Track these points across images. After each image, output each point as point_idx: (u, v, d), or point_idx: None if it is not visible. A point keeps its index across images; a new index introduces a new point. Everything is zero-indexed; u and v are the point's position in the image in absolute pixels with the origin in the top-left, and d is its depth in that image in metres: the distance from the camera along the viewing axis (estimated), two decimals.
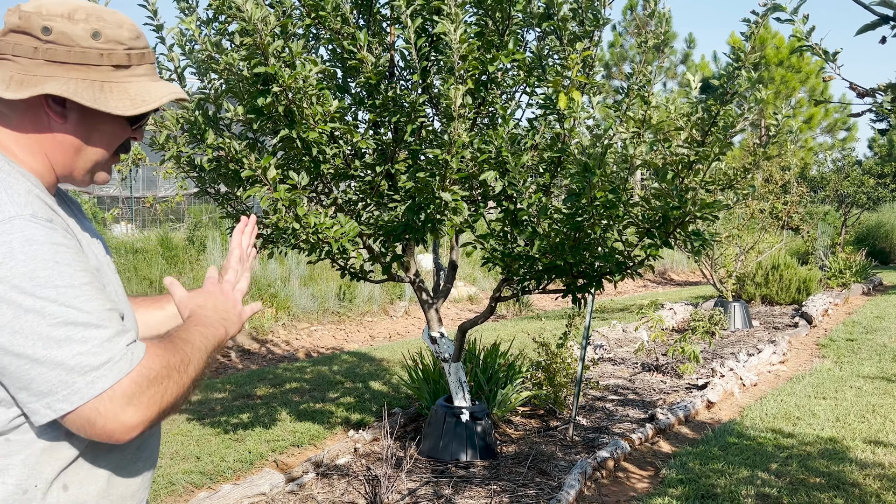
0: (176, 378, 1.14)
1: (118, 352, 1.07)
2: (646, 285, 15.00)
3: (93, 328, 1.06)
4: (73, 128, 1.20)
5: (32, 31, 1.15)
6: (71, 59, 1.17)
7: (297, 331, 8.66)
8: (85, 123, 1.21)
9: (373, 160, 3.61)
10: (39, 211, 1.11)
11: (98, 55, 1.18)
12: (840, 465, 4.18)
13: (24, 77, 1.15)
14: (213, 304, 1.37)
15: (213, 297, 1.39)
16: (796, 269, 11.17)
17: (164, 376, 1.12)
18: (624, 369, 6.91)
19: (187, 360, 1.18)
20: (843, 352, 7.45)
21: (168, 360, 1.14)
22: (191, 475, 3.99)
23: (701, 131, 2.95)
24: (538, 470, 4.17)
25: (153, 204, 11.59)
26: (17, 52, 1.16)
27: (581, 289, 3.58)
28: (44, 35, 1.15)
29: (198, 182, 3.59)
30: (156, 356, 1.12)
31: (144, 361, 1.10)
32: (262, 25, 2.80)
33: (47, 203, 1.16)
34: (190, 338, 1.23)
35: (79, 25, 1.16)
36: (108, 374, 1.05)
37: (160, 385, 1.11)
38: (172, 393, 1.13)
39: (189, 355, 1.19)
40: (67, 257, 1.09)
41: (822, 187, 16.19)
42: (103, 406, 1.05)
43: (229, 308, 1.38)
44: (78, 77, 1.17)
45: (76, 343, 1.05)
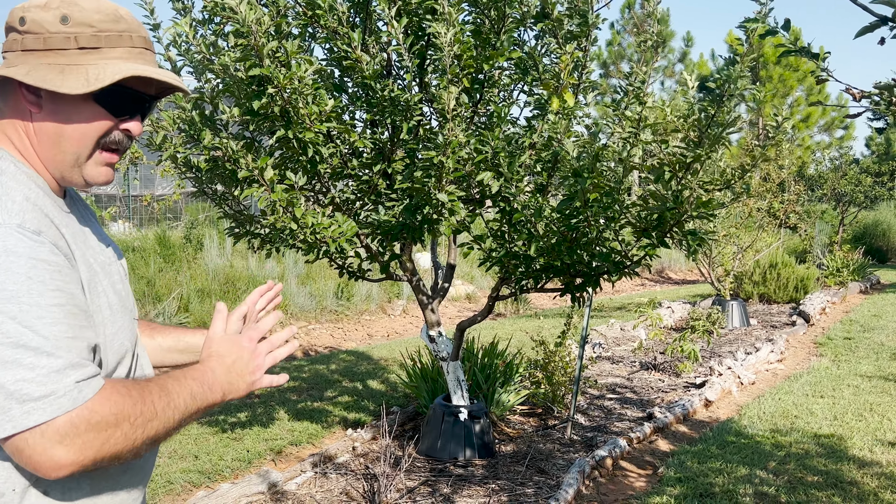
0: (126, 430, 1.06)
1: (63, 387, 1.01)
2: (644, 284, 15.01)
3: (44, 356, 1.01)
4: (48, 115, 1.17)
5: (14, 25, 1.16)
6: (39, 45, 1.15)
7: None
8: (59, 111, 1.17)
9: (370, 159, 3.61)
10: (29, 221, 1.08)
11: (64, 39, 1.15)
12: (838, 464, 4.19)
13: (8, 70, 1.15)
14: (234, 363, 1.28)
15: (241, 354, 1.29)
16: (794, 268, 11.18)
17: (109, 424, 1.04)
18: (622, 368, 6.92)
19: (150, 416, 1.10)
20: (841, 350, 7.46)
21: (123, 408, 1.06)
22: (189, 474, 3.98)
23: (698, 132, 2.95)
24: (536, 469, 4.17)
25: (150, 202, 11.57)
26: (7, 48, 1.17)
27: (579, 288, 3.58)
28: (20, 26, 1.15)
29: (195, 182, 3.58)
30: (108, 401, 1.05)
31: (91, 403, 1.03)
32: (256, 27, 2.79)
33: (46, 211, 1.13)
34: (174, 392, 1.15)
35: (50, 12, 1.15)
36: (46, 409, 1.00)
37: (102, 432, 1.04)
38: (117, 444, 1.06)
39: (157, 411, 1.11)
40: (43, 274, 1.04)
41: (819, 186, 16.21)
42: (33, 439, 1.00)
43: (246, 374, 1.29)
44: (45, 62, 1.15)
45: (23, 368, 1.00)
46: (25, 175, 1.16)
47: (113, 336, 1.19)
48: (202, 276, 8.76)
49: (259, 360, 1.30)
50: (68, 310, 1.06)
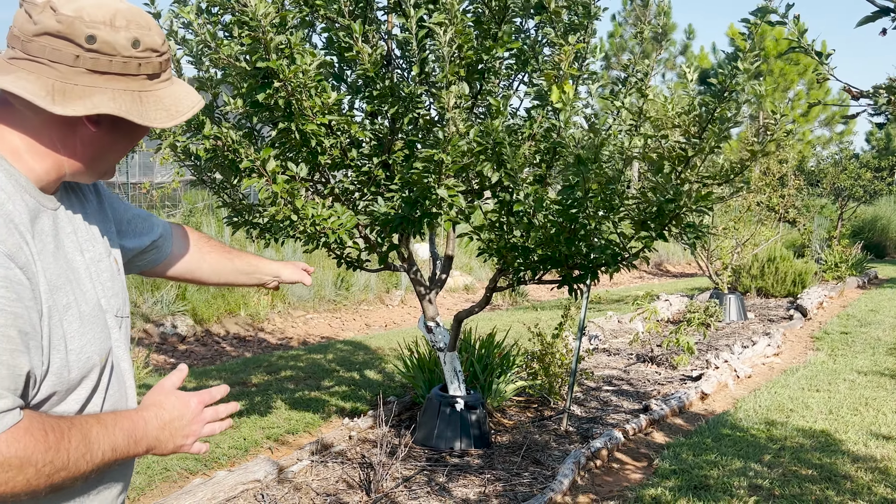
0: (29, 475, 1.00)
1: None
2: (642, 276, 15.03)
3: None
4: (103, 135, 1.17)
5: (75, 39, 1.09)
6: (112, 69, 1.12)
7: (292, 318, 8.67)
8: (115, 131, 1.18)
9: (370, 150, 3.61)
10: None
11: (137, 65, 1.14)
12: (832, 458, 4.21)
13: (66, 87, 1.10)
14: (171, 420, 1.22)
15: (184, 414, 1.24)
16: (792, 262, 11.20)
17: (13, 467, 0.98)
18: (619, 360, 6.94)
19: (61, 466, 1.03)
20: (838, 345, 7.48)
21: (32, 454, 1.00)
22: (186, 461, 4.00)
23: (698, 126, 2.96)
24: (532, 459, 4.19)
25: (149, 190, 11.56)
26: (56, 59, 1.09)
27: (577, 280, 3.59)
28: (87, 44, 1.09)
29: (194, 171, 3.58)
30: (19, 443, 0.99)
31: (1, 444, 0.97)
32: (264, 20, 2.78)
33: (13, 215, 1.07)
34: (95, 443, 1.09)
35: (120, 34, 1.12)
36: None
37: (2, 474, 0.97)
38: (15, 487, 0.99)
39: (69, 462, 1.04)
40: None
41: (819, 180, 16.21)
42: None
43: (178, 436, 1.23)
44: (118, 88, 1.13)
45: None
46: (4, 172, 1.11)
47: (79, 350, 1.14)
48: None
49: (197, 426, 1.26)
50: (2, 331, 0.99)
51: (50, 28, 1.09)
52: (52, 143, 1.15)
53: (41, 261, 1.10)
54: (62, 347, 1.10)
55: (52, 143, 1.15)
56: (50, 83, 1.09)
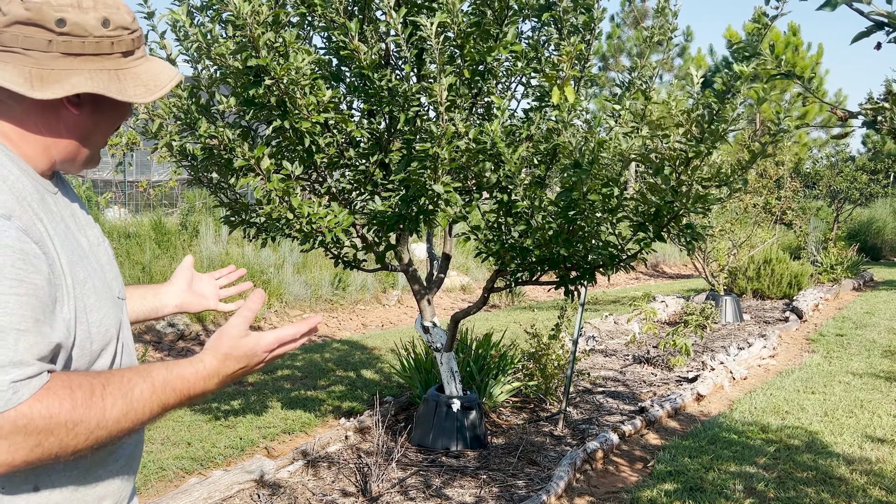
0: (61, 435, 1.00)
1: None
2: (638, 277, 15.04)
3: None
4: (85, 117, 1.18)
5: (45, 24, 1.10)
6: (86, 49, 1.13)
7: (289, 318, 8.65)
8: (97, 112, 1.19)
9: (367, 149, 3.60)
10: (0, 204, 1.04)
11: (110, 44, 1.16)
12: (828, 460, 4.21)
13: (43, 72, 1.11)
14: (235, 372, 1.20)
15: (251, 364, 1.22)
16: (788, 264, 11.21)
17: (40, 429, 0.98)
18: (615, 361, 6.94)
19: (96, 424, 1.03)
20: (833, 347, 7.49)
21: (59, 414, 1.00)
22: (182, 461, 3.99)
23: (700, 128, 2.95)
24: (528, 460, 4.19)
25: (147, 188, 11.54)
26: (29, 46, 1.11)
27: (574, 281, 3.59)
28: (58, 27, 1.11)
29: (190, 170, 3.57)
30: (41, 404, 0.99)
31: (24, 407, 0.97)
32: (251, 19, 2.78)
33: (24, 194, 1.10)
34: (140, 399, 1.09)
35: (89, 14, 1.13)
36: None
37: (32, 436, 0.98)
38: (51, 448, 1.00)
39: (107, 417, 1.04)
40: (3, 261, 1.00)
41: (815, 183, 16.24)
42: None
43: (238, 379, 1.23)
44: (94, 68, 1.14)
45: None
46: (5, 156, 1.13)
47: (98, 322, 1.16)
48: (198, 264, 8.74)
49: (259, 366, 1.24)
50: (24, 300, 1.00)
51: (19, 17, 1.10)
52: (37, 130, 1.16)
53: (56, 237, 1.12)
54: (84, 319, 1.12)
55: (38, 129, 1.16)
56: (27, 70, 1.11)
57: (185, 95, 3.25)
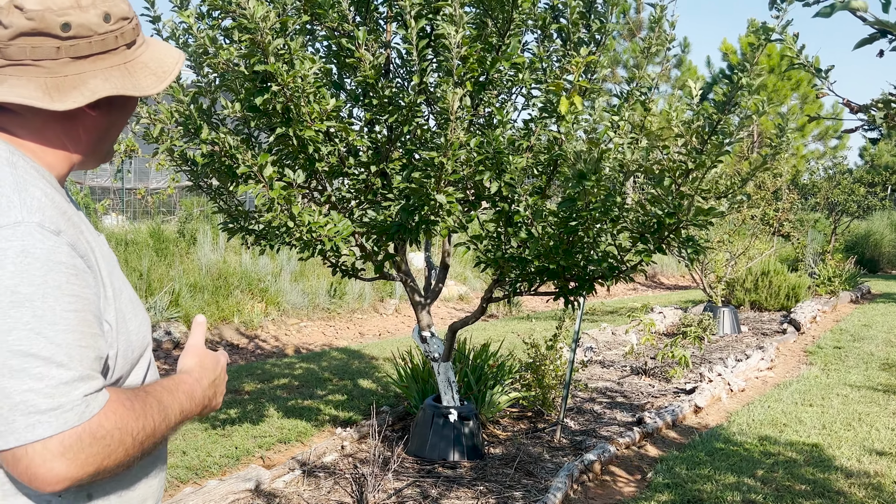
0: (128, 444, 1.03)
1: (71, 400, 0.97)
2: (636, 288, 15.04)
3: (54, 366, 0.97)
4: (101, 117, 1.17)
5: (51, 31, 1.07)
6: (93, 49, 1.11)
7: (286, 326, 8.63)
8: (112, 110, 1.18)
9: (367, 158, 3.60)
10: (48, 220, 1.03)
11: (114, 38, 1.14)
12: (826, 473, 4.20)
13: (58, 81, 1.09)
14: (215, 379, 1.27)
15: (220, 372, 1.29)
16: (786, 276, 11.22)
17: (115, 439, 1.01)
18: (613, 372, 6.92)
19: (150, 431, 1.07)
20: (831, 359, 7.48)
21: (127, 423, 1.03)
22: (176, 470, 3.97)
23: (700, 139, 2.95)
24: (525, 471, 4.17)
25: (145, 196, 11.52)
26: (39, 56, 1.08)
27: (573, 292, 3.59)
28: (64, 32, 1.08)
29: (190, 176, 3.57)
30: (114, 415, 1.02)
31: (98, 418, 0.99)
32: (263, 23, 2.78)
33: (60, 206, 1.09)
34: (169, 407, 1.12)
35: (90, 12, 1.10)
36: (52, 423, 0.96)
37: (106, 447, 1.00)
38: (117, 458, 1.02)
39: (155, 427, 1.08)
40: (60, 278, 1.00)
41: (813, 195, 16.27)
42: (34, 451, 0.96)
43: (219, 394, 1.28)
44: (104, 66, 1.13)
45: (30, 378, 0.95)
46: (33, 168, 1.11)
47: (137, 330, 1.17)
48: (195, 271, 8.72)
49: (225, 383, 1.31)
50: (82, 317, 1.02)
51: (23, 28, 1.07)
52: (57, 138, 1.15)
53: (98, 249, 1.13)
54: (125, 329, 1.14)
55: (58, 136, 1.15)
56: (42, 82, 1.08)
57: (187, 101, 3.24)
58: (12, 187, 1.04)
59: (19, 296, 0.97)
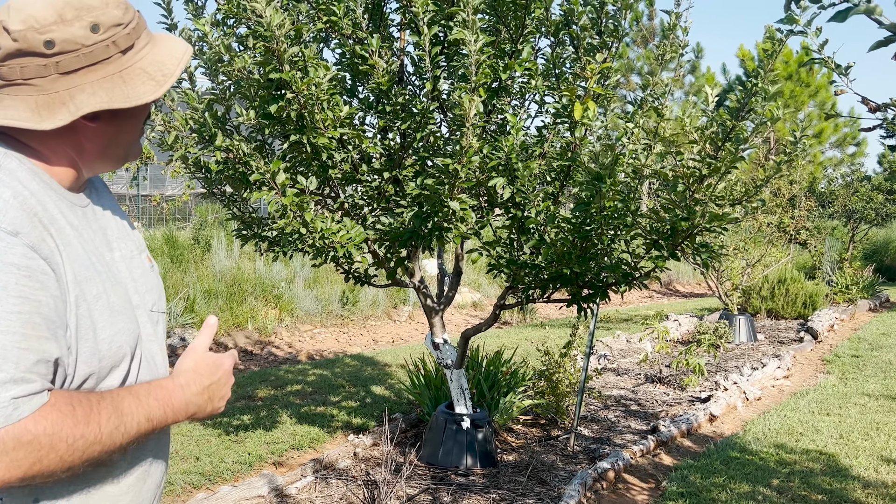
0: (62, 452, 1.00)
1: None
2: (651, 296, 14.96)
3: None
4: (104, 126, 1.16)
5: (35, 50, 1.08)
6: (82, 63, 1.10)
7: (299, 333, 8.65)
8: (116, 118, 1.17)
9: (380, 165, 3.61)
10: (6, 221, 1.02)
11: (104, 48, 1.12)
12: (843, 483, 4.15)
13: (48, 98, 1.09)
14: (211, 385, 1.23)
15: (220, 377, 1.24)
16: (803, 284, 11.11)
17: (43, 445, 0.98)
18: (627, 380, 6.88)
19: (93, 439, 1.03)
20: (848, 368, 7.40)
21: (62, 430, 1.00)
22: (189, 475, 3.98)
23: (714, 145, 2.93)
24: (538, 479, 4.14)
25: (160, 202, 11.61)
26: (28, 75, 1.09)
27: (586, 298, 3.57)
28: (48, 49, 1.08)
29: (205, 183, 3.59)
30: (44, 420, 0.99)
31: (27, 422, 0.97)
32: (278, 31, 2.79)
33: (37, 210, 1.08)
34: (128, 413, 1.08)
35: (75, 26, 1.09)
36: None
37: (34, 452, 0.97)
38: (50, 465, 1.00)
39: (102, 434, 1.04)
40: (6, 278, 0.99)
41: (830, 202, 16.13)
42: None
43: (217, 399, 1.24)
44: (96, 78, 1.12)
45: None
46: (28, 171, 1.11)
47: (109, 339, 1.13)
48: (209, 278, 8.77)
49: (229, 387, 1.27)
50: (26, 318, 1.00)
51: (9, 49, 1.08)
52: (59, 147, 1.16)
53: (67, 253, 1.09)
54: (91, 336, 1.10)
55: (59, 146, 1.16)
56: (32, 100, 1.09)
57: (202, 109, 3.27)
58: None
59: None
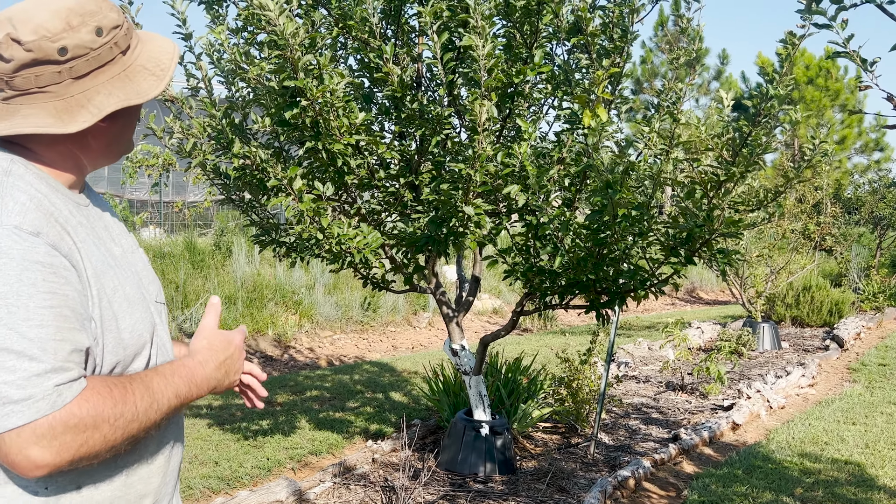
0: (105, 431, 1.07)
1: (42, 390, 1.02)
2: (674, 303, 14.83)
3: (25, 359, 1.02)
4: (110, 124, 1.21)
5: (50, 58, 1.12)
6: (92, 66, 1.16)
7: (319, 339, 8.68)
8: (119, 115, 1.22)
9: (397, 171, 3.61)
10: (28, 222, 1.08)
11: (109, 50, 1.18)
12: (868, 493, 4.07)
13: (65, 103, 1.14)
14: (226, 360, 1.30)
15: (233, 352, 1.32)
16: (828, 291, 10.95)
17: (88, 426, 1.05)
18: (648, 388, 6.82)
19: (131, 417, 1.11)
20: (875, 377, 7.27)
21: (102, 411, 1.07)
22: (209, 480, 4.00)
23: (731, 151, 2.91)
24: (557, 487, 4.11)
25: (182, 209, 11.72)
26: (44, 83, 1.13)
27: (604, 305, 3.54)
28: (62, 56, 1.13)
29: (223, 189, 3.62)
30: (87, 403, 1.06)
31: (71, 406, 1.04)
32: (293, 40, 2.81)
33: (52, 211, 1.13)
34: (159, 392, 1.16)
35: (82, 31, 1.14)
36: (24, 412, 1.01)
37: (80, 434, 1.05)
38: (95, 445, 1.07)
39: (139, 412, 1.12)
40: (35, 276, 1.05)
41: (857, 209, 15.90)
42: (10, 439, 1.02)
43: (233, 373, 1.32)
44: (105, 79, 1.17)
45: (4, 371, 1.01)
46: (35, 176, 1.16)
47: (130, 328, 1.19)
48: (230, 283, 8.83)
49: (242, 361, 1.35)
50: (58, 311, 1.06)
51: (24, 60, 1.12)
52: (67, 149, 1.21)
53: (83, 250, 1.15)
54: (114, 327, 1.17)
55: (68, 148, 1.21)
56: (51, 106, 1.14)
57: (219, 116, 3.29)
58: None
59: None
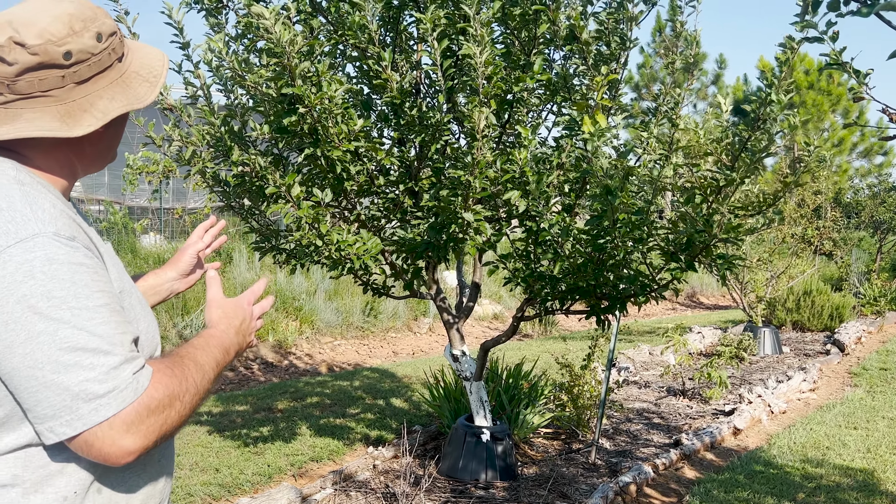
0: (178, 407, 1.14)
1: (123, 380, 1.07)
2: (675, 308, 14.82)
3: (101, 354, 1.06)
4: (106, 129, 1.22)
5: (55, 62, 1.13)
6: (93, 71, 1.17)
7: (320, 345, 8.68)
8: (115, 121, 1.23)
9: (396, 177, 3.62)
10: (63, 228, 1.10)
11: (108, 55, 1.19)
12: (870, 498, 4.06)
13: (68, 108, 1.15)
14: (240, 324, 1.36)
15: (245, 315, 1.38)
16: (829, 296, 10.94)
17: (166, 405, 1.12)
18: (649, 393, 6.81)
19: (193, 389, 1.17)
20: (877, 381, 7.26)
21: (173, 389, 1.13)
22: (209, 487, 3.99)
23: (731, 156, 2.91)
24: (559, 493, 4.10)
25: (182, 215, 11.73)
26: (47, 87, 1.14)
27: (605, 310, 3.54)
28: (66, 60, 1.13)
29: (223, 196, 3.62)
30: (160, 385, 1.12)
31: (149, 391, 1.10)
32: (289, 48, 2.81)
33: (70, 216, 1.15)
34: (205, 364, 1.22)
35: (84, 36, 1.15)
36: (112, 403, 1.06)
37: (161, 414, 1.11)
38: (172, 421, 1.14)
39: (197, 383, 1.19)
40: (85, 277, 1.08)
41: (857, 213, 15.90)
42: (102, 432, 1.06)
43: (247, 334, 1.38)
44: (105, 85, 1.19)
45: (83, 369, 1.05)
46: (41, 185, 1.17)
47: (146, 331, 1.23)
48: (230, 290, 8.83)
49: (255, 321, 1.41)
50: (112, 307, 1.11)
51: (29, 64, 1.12)
52: (64, 156, 1.22)
53: (106, 254, 1.20)
54: (136, 326, 1.20)
55: (65, 155, 1.22)
56: (55, 110, 1.14)
57: (218, 123, 3.30)
58: (24, 203, 1.10)
59: (55, 299, 1.05)
